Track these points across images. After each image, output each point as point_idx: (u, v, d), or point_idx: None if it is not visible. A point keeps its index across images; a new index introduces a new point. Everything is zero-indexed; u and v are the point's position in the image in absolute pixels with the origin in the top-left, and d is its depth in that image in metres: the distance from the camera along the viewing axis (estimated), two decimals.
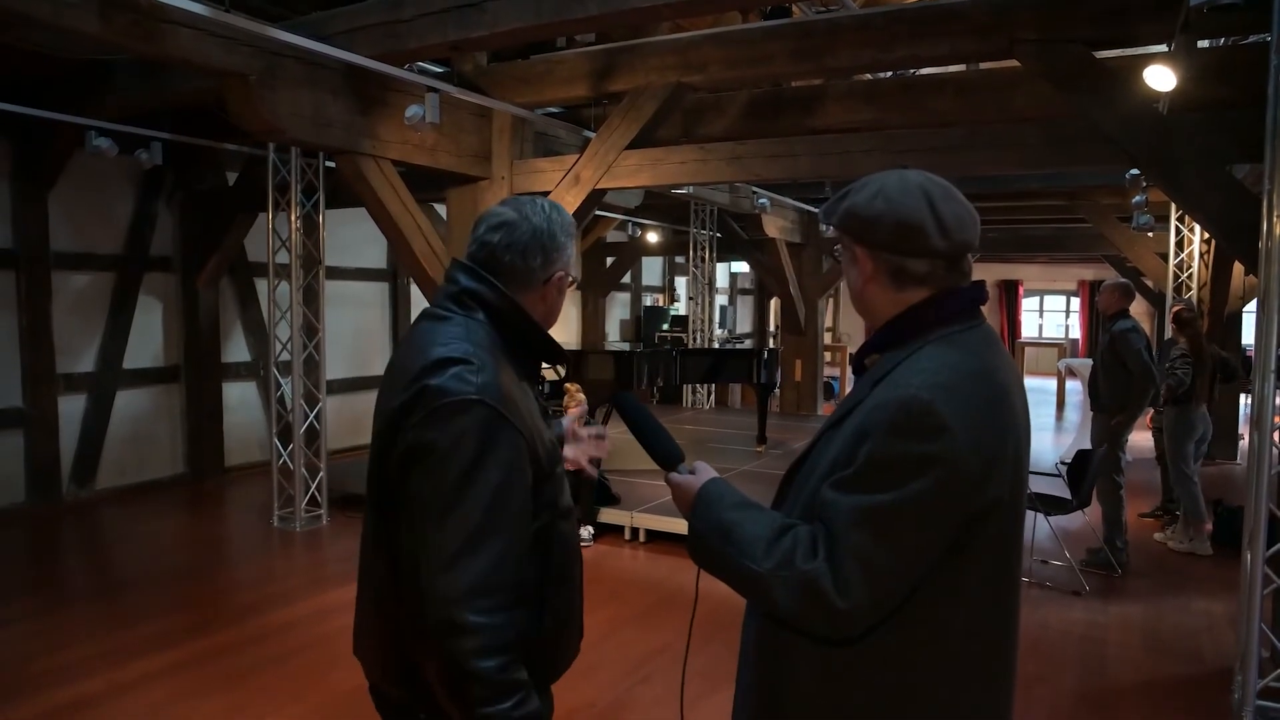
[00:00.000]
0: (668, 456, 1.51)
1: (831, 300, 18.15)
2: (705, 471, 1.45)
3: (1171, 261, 7.93)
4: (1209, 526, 6.09)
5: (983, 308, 1.38)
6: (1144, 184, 7.14)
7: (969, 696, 1.30)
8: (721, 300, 15.33)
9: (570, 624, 1.59)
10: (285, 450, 6.54)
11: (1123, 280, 5.81)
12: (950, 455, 1.19)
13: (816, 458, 1.36)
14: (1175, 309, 6.12)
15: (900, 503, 1.20)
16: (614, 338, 13.96)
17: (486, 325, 1.51)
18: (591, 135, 6.00)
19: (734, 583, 1.32)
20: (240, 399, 8.45)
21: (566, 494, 1.58)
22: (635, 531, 6.13)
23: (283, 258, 6.47)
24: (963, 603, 1.27)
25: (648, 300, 15.20)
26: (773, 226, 10.84)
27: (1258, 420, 3.64)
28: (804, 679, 1.31)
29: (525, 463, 1.43)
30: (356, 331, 9.30)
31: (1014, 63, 4.49)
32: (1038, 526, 5.30)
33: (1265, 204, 3.56)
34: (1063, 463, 5.59)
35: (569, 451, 1.79)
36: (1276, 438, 3.68)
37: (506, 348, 1.52)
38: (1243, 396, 9.41)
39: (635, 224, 11.96)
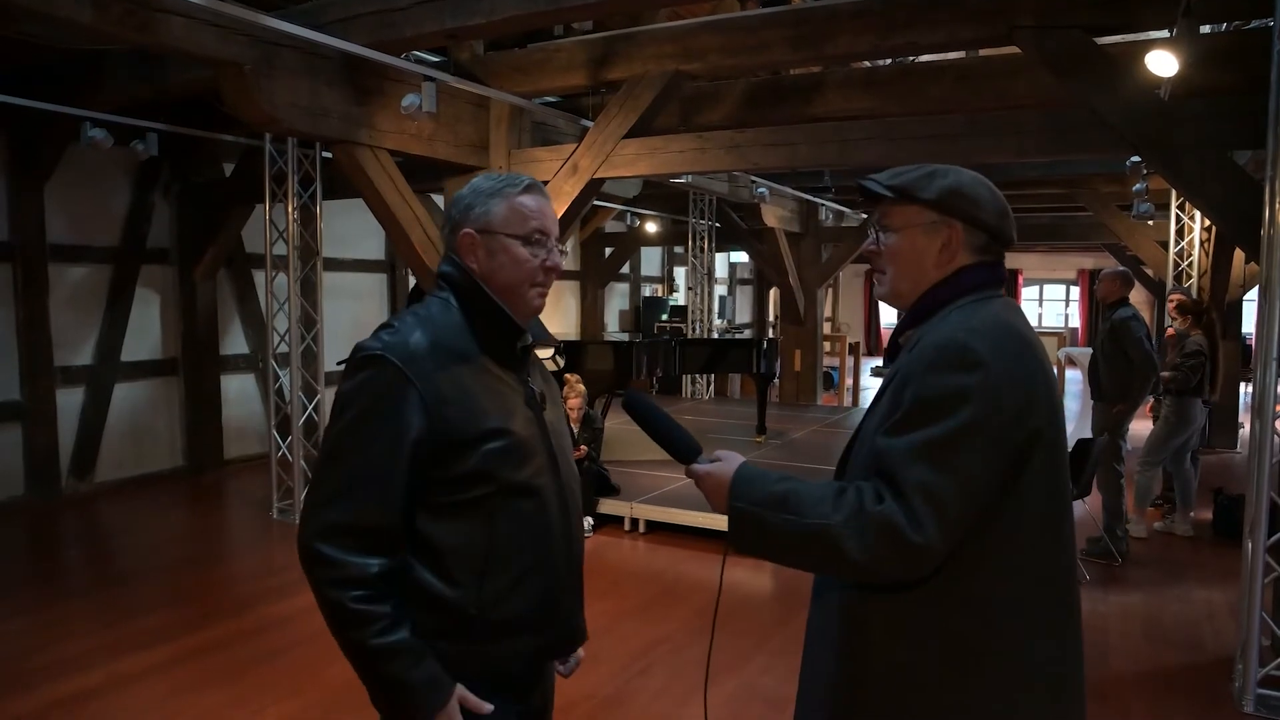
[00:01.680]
0: (686, 450, 1.51)
1: (831, 290, 18.13)
2: (733, 457, 1.46)
3: (1172, 250, 7.91)
4: (1150, 519, 6.13)
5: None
6: (1144, 171, 7.13)
7: (1041, 640, 1.33)
8: (721, 290, 15.32)
9: (529, 607, 1.54)
10: (284, 442, 6.52)
11: (1122, 269, 5.78)
12: (990, 385, 1.28)
13: (866, 427, 1.44)
14: (1178, 299, 6.02)
15: (951, 433, 1.27)
16: (613, 328, 13.95)
17: (455, 304, 1.58)
18: (589, 124, 5.97)
19: (796, 549, 1.34)
20: (239, 391, 8.44)
21: (529, 471, 1.54)
22: (635, 522, 6.13)
23: (280, 249, 6.45)
24: (1023, 543, 1.31)
25: (647, 291, 15.18)
26: (772, 216, 10.82)
27: (1259, 409, 3.63)
28: (881, 639, 1.34)
29: (418, 421, 1.45)
30: (355, 323, 9.25)
31: (1014, 49, 4.46)
32: None
33: (1267, 191, 3.54)
34: None
35: None
36: (1278, 426, 3.67)
37: (475, 325, 1.57)
38: (1243, 385, 9.41)
39: (634, 214, 11.94)
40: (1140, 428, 6.95)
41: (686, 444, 1.51)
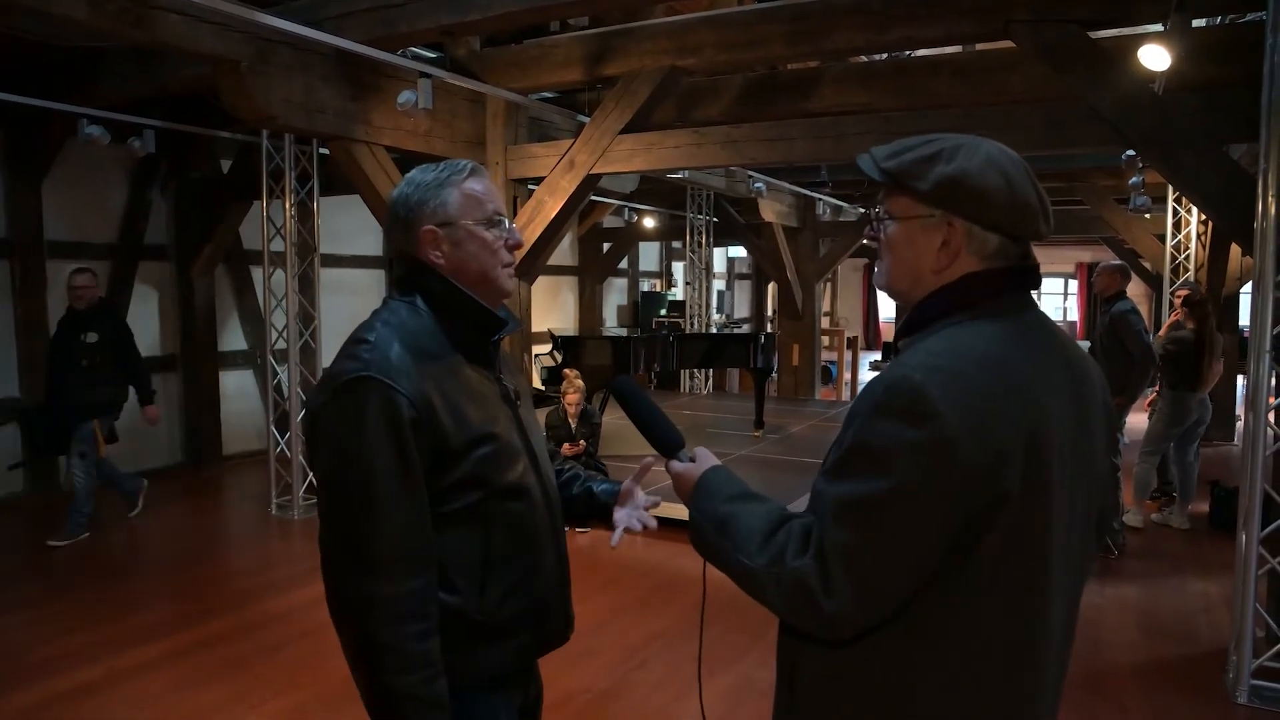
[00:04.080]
0: (668, 443, 1.47)
1: (829, 284, 18.13)
2: (706, 459, 1.40)
3: (1169, 243, 7.92)
4: (1148, 510, 6.17)
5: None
6: (1140, 165, 7.13)
7: (978, 711, 1.18)
8: (719, 285, 15.33)
9: (526, 606, 1.55)
10: (283, 438, 6.53)
11: (1119, 262, 5.80)
12: (942, 442, 1.08)
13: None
14: (1184, 294, 6.01)
15: (886, 493, 1.10)
16: (611, 323, 13.95)
17: (423, 307, 1.53)
18: (586, 120, 5.97)
19: (731, 576, 1.26)
20: (237, 387, 8.44)
21: (517, 472, 1.54)
22: None
23: (278, 245, 6.46)
24: (969, 609, 1.15)
25: (645, 286, 15.18)
26: (769, 211, 10.82)
27: (1253, 401, 3.64)
28: (808, 676, 1.27)
29: (411, 435, 1.40)
30: (353, 319, 8.96)
31: (1010, 44, 4.47)
32: None
33: (1260, 184, 3.55)
34: None
35: (619, 515, 1.74)
36: (1271, 419, 3.69)
37: (446, 326, 1.52)
38: (1239, 378, 9.41)
39: (631, 209, 11.93)
40: (1136, 421, 6.96)
41: (669, 436, 1.48)
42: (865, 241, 1.27)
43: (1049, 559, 1.17)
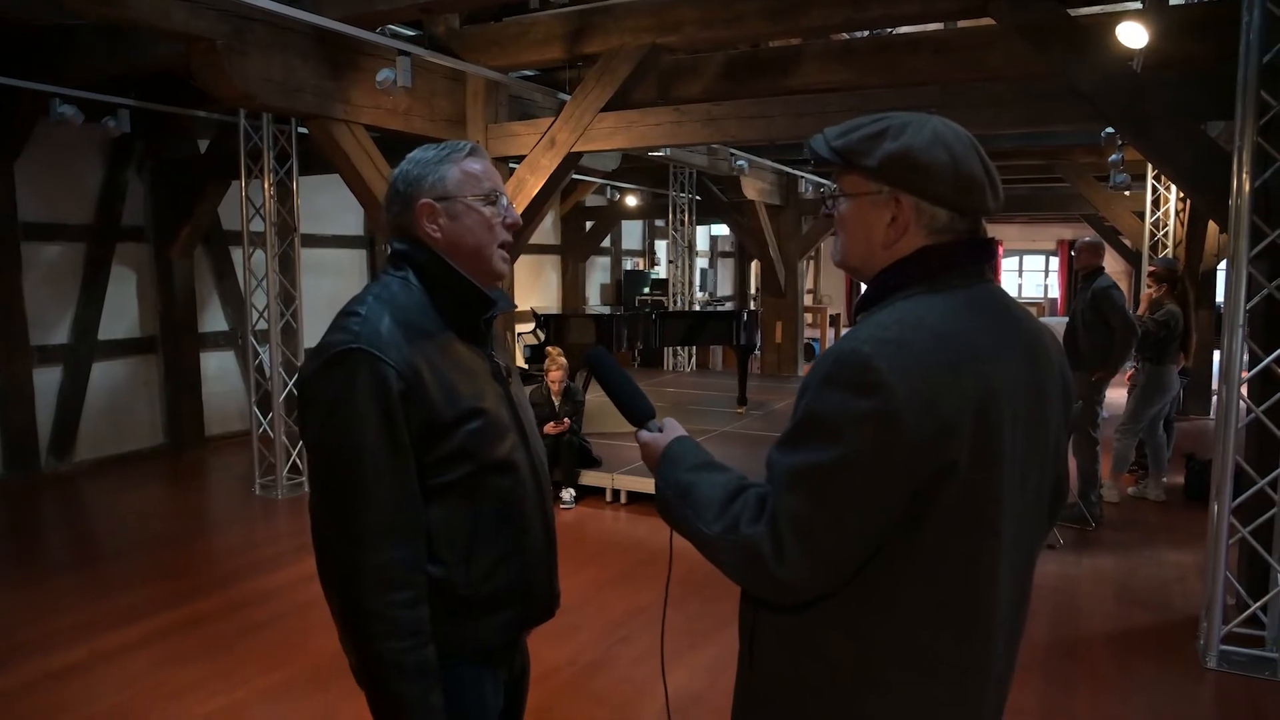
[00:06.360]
0: (638, 413, 1.51)
1: (811, 262, 18.17)
2: (673, 429, 1.43)
3: (1148, 220, 7.98)
4: (1125, 484, 6.30)
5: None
6: (1119, 142, 7.17)
7: (930, 676, 1.21)
8: (702, 263, 15.33)
9: (511, 581, 1.56)
10: (265, 419, 6.52)
11: (1096, 238, 5.87)
12: (888, 412, 1.09)
13: None
14: (1152, 268, 6.11)
15: (834, 462, 1.12)
16: (595, 302, 13.94)
17: (415, 283, 1.55)
18: (567, 98, 5.95)
19: (692, 543, 1.28)
20: (219, 368, 8.41)
21: (506, 448, 1.56)
22: (616, 493, 6.18)
23: (257, 225, 6.41)
24: (920, 577, 1.17)
25: (628, 264, 15.17)
26: (751, 189, 10.82)
27: (1226, 374, 3.70)
28: (765, 641, 1.29)
29: (400, 407, 1.42)
30: (334, 299, 9.06)
31: (990, 21, 4.47)
32: None
33: (1235, 161, 3.59)
34: None
35: None
36: (1244, 391, 3.75)
37: (439, 302, 1.54)
38: (1216, 353, 9.53)
39: (614, 188, 11.91)
40: (1116, 395, 7.05)
41: (639, 406, 1.51)
42: (822, 214, 1.26)
43: (1000, 528, 1.19)
